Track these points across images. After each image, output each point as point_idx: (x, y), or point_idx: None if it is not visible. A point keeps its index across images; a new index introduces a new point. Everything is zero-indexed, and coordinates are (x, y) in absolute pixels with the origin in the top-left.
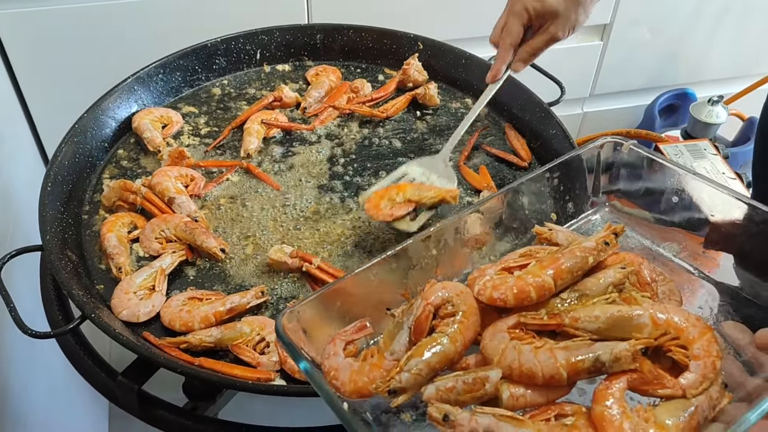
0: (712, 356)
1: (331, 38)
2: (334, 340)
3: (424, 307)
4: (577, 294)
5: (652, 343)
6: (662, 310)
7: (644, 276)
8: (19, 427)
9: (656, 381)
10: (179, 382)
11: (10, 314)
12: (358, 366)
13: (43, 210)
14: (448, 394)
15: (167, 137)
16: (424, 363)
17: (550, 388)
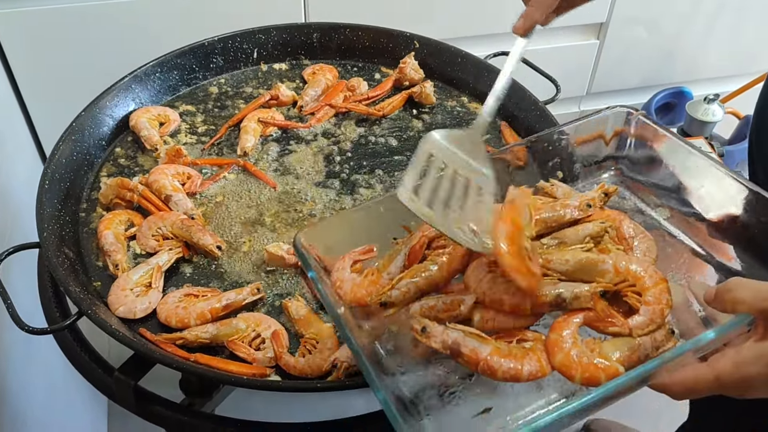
0: (662, 304)
1: (328, 37)
2: (344, 258)
3: (420, 237)
4: (556, 241)
5: (611, 288)
6: (625, 260)
7: (623, 231)
8: (18, 424)
9: (608, 319)
10: (176, 379)
11: (7, 310)
12: (360, 280)
13: (41, 207)
14: (430, 311)
15: (164, 135)
16: (413, 284)
17: (517, 317)
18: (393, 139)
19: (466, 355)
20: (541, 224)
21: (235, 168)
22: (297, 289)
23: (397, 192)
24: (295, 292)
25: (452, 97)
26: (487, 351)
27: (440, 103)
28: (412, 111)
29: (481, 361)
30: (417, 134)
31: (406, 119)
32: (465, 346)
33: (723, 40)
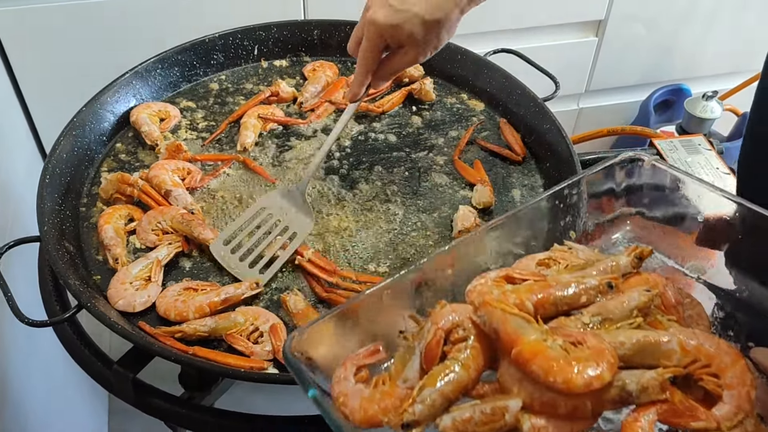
0: (747, 386)
1: (328, 34)
2: (345, 364)
3: (434, 332)
4: (599, 318)
5: (682, 372)
6: (691, 336)
7: (669, 298)
8: (20, 420)
9: (688, 412)
10: (174, 375)
11: (8, 303)
12: (369, 393)
13: (41, 202)
14: (466, 426)
15: (165, 131)
16: (438, 393)
17: (573, 419)
18: (392, 135)
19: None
20: (550, 307)
21: (234, 164)
22: (295, 283)
23: (210, 246)
24: (293, 287)
25: (452, 94)
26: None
27: (440, 100)
28: (411, 108)
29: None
30: (416, 131)
31: (405, 116)
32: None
33: (722, 38)
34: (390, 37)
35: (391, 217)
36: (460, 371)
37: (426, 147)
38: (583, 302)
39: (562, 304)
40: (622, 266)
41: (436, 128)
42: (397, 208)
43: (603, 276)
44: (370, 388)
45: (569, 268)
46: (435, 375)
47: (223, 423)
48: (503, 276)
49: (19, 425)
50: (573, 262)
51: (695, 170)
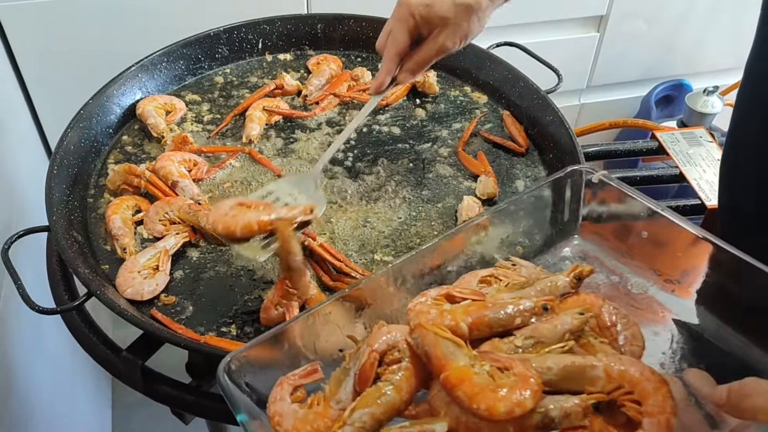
0: (667, 413)
1: (332, 28)
2: (281, 384)
3: (369, 354)
4: (531, 341)
5: (604, 398)
6: (617, 362)
7: (604, 320)
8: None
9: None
10: (180, 366)
11: (18, 291)
12: (303, 414)
13: (50, 192)
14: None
15: (171, 124)
16: (368, 415)
17: None
18: (396, 128)
19: None
20: (485, 328)
21: (240, 156)
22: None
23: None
24: None
25: (455, 87)
26: None
27: (443, 93)
28: (415, 100)
29: None
30: (420, 123)
31: (409, 108)
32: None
33: (722, 33)
34: (420, 18)
35: (396, 208)
36: (392, 393)
37: (430, 139)
38: (518, 324)
39: (497, 325)
40: (560, 286)
41: (439, 120)
42: (401, 199)
43: (539, 298)
44: (305, 409)
45: (509, 286)
46: (367, 397)
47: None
48: (444, 294)
49: (25, 416)
50: (514, 280)
51: (696, 162)
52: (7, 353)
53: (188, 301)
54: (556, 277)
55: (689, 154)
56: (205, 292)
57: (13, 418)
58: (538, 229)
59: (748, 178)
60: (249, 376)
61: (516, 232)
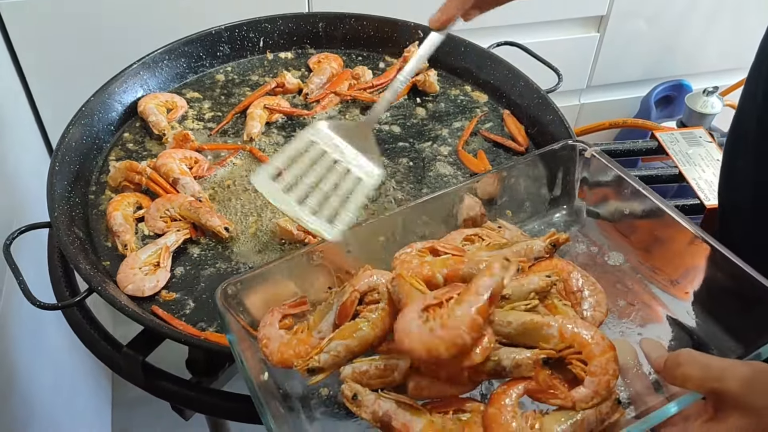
0: (608, 375)
1: (333, 26)
2: (272, 311)
3: (351, 293)
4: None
5: (554, 355)
6: (572, 323)
7: (571, 285)
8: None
9: (550, 390)
10: (180, 363)
11: (20, 286)
12: (288, 339)
13: (51, 188)
14: (362, 377)
15: (172, 121)
16: (343, 346)
17: (453, 384)
18: (396, 126)
19: (397, 429)
20: (458, 280)
21: (241, 153)
22: None
23: (254, 178)
24: None
25: (455, 86)
26: (420, 426)
27: (443, 92)
28: (415, 99)
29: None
30: (421, 122)
31: (409, 107)
32: (396, 420)
33: (722, 34)
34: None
35: (395, 206)
36: (366, 329)
37: (430, 138)
38: None
39: (470, 279)
40: (535, 250)
41: (440, 119)
42: (401, 197)
43: (513, 257)
44: (290, 335)
45: (489, 246)
46: (344, 330)
47: (232, 406)
48: (428, 247)
49: (26, 413)
50: (495, 240)
51: (696, 162)
52: (8, 350)
53: (189, 297)
54: (533, 241)
55: (689, 154)
56: (205, 289)
57: (15, 414)
58: (529, 197)
59: (746, 178)
60: (245, 301)
61: (508, 199)
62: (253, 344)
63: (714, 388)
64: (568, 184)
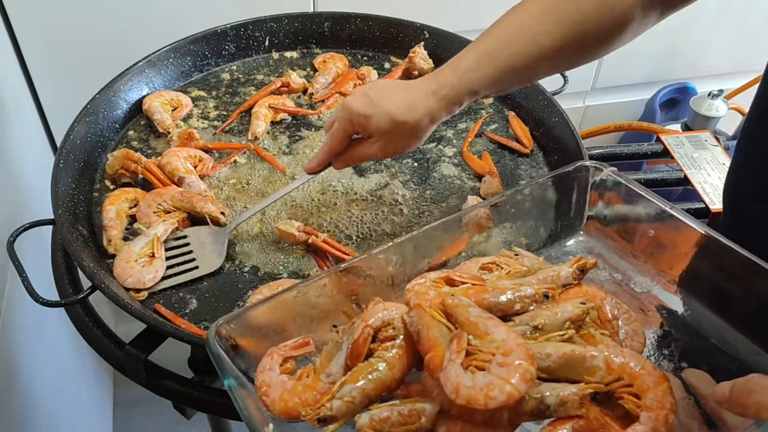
0: (666, 409)
1: (339, 26)
2: (272, 354)
3: (363, 329)
4: (530, 327)
5: (603, 389)
6: (618, 354)
7: (606, 313)
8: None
9: (602, 430)
10: (181, 362)
11: (23, 283)
12: (292, 385)
13: (56, 186)
14: (383, 425)
15: (177, 120)
16: (359, 390)
17: (490, 427)
18: None
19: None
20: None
21: (246, 152)
22: (307, 267)
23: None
24: (308, 271)
25: None
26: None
27: None
28: None
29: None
30: None
31: None
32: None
33: (727, 37)
34: (359, 125)
35: (400, 207)
36: (383, 370)
37: (435, 139)
38: (517, 310)
39: (496, 310)
40: (563, 277)
41: (444, 120)
42: (405, 198)
43: (541, 285)
44: (294, 380)
45: (510, 274)
46: (358, 372)
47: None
48: (443, 277)
49: (28, 411)
50: (516, 268)
51: (701, 165)
52: (10, 347)
53: (192, 296)
54: (559, 267)
55: (694, 158)
56: (208, 287)
57: (18, 411)
58: (542, 222)
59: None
60: (240, 342)
61: (521, 225)
62: (251, 392)
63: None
64: (585, 206)
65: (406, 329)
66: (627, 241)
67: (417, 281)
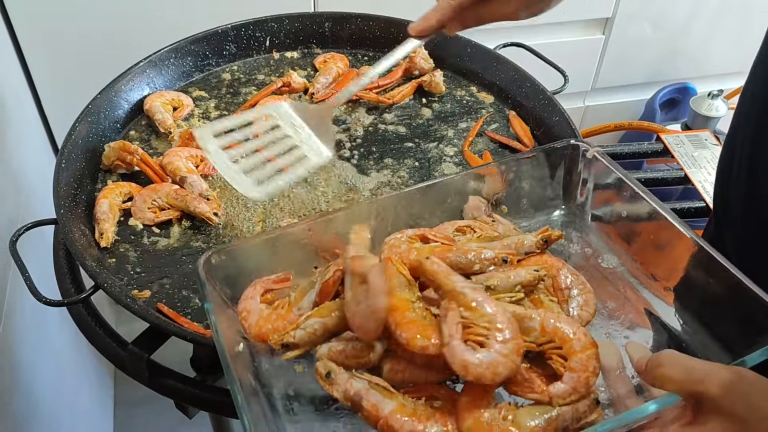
0: (588, 372)
1: (339, 26)
2: (255, 285)
3: (334, 272)
4: (484, 287)
5: (533, 348)
6: (554, 318)
7: (559, 282)
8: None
9: (527, 383)
10: (183, 361)
11: (26, 283)
12: (267, 314)
13: (57, 185)
14: (338, 356)
15: (178, 119)
16: (321, 324)
17: (428, 370)
18: (402, 126)
19: (367, 409)
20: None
21: None
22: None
23: (197, 128)
24: None
25: (461, 87)
26: (390, 407)
27: (449, 92)
28: (421, 100)
29: (382, 418)
30: (426, 122)
31: (415, 108)
32: (367, 400)
33: (727, 37)
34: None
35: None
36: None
37: (436, 138)
38: (476, 270)
39: (456, 268)
40: (526, 245)
41: (445, 120)
42: None
43: (502, 250)
44: (270, 310)
45: (480, 238)
46: (323, 309)
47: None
48: (419, 234)
49: (29, 411)
50: (487, 233)
51: (701, 164)
52: (12, 347)
53: (194, 295)
54: (525, 236)
55: (694, 157)
56: None
57: (18, 411)
58: (527, 194)
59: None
60: (231, 274)
61: (505, 195)
62: (232, 316)
63: (695, 392)
64: (569, 183)
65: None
66: (605, 221)
67: (394, 236)
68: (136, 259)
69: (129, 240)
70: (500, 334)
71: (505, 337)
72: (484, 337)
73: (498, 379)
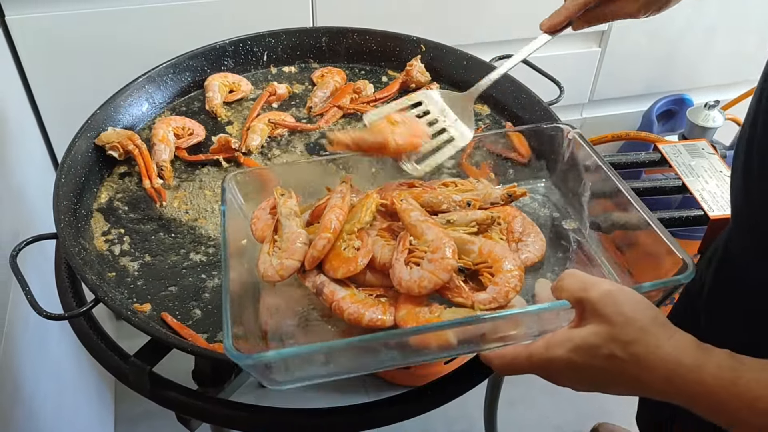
0: (509, 287)
1: (336, 41)
2: (269, 200)
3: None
4: (444, 220)
5: (469, 265)
6: (491, 245)
7: (513, 226)
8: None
9: (456, 290)
10: (184, 374)
11: (26, 297)
12: (271, 222)
13: (57, 200)
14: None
15: (231, 100)
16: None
17: (385, 276)
18: None
19: (325, 294)
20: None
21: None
22: None
23: (367, 114)
24: None
25: None
26: (343, 294)
27: None
28: None
29: (335, 301)
30: None
31: None
32: (327, 287)
33: (723, 48)
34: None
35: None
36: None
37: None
38: (444, 208)
39: (428, 206)
40: (493, 196)
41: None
42: None
43: (468, 196)
44: (273, 219)
45: (458, 189)
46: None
47: (240, 415)
48: (409, 182)
49: (30, 426)
50: (466, 187)
51: (699, 173)
52: (13, 361)
53: (195, 307)
54: (494, 189)
55: (691, 166)
56: (211, 299)
57: (20, 425)
58: (513, 164)
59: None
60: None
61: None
62: (242, 222)
63: (580, 298)
64: (550, 160)
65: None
66: (574, 193)
67: (390, 182)
68: (136, 273)
69: (130, 254)
70: (432, 255)
71: (434, 256)
72: (420, 258)
73: (423, 291)
